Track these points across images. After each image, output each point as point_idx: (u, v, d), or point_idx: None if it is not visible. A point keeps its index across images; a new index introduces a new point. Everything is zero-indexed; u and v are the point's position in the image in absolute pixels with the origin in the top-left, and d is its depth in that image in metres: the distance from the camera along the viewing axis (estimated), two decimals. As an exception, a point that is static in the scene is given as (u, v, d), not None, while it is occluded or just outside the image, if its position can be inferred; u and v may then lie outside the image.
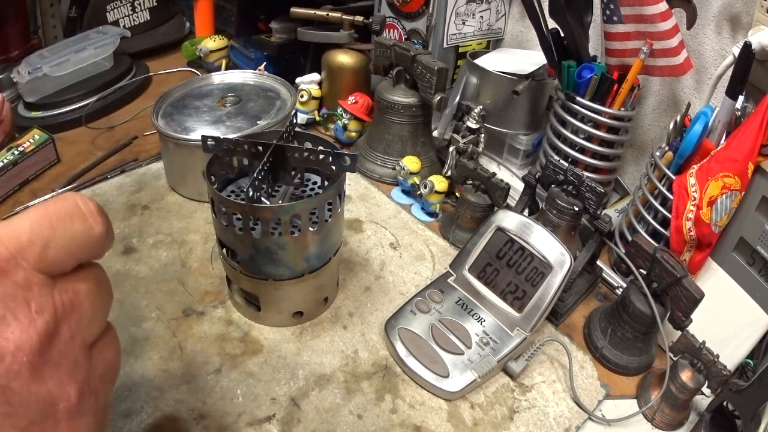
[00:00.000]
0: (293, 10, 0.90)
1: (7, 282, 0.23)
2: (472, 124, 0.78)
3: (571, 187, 0.61)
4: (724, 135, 0.60)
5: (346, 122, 0.88)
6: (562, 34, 0.71)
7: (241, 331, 0.57)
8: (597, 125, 0.71)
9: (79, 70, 0.93)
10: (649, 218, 0.65)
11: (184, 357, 0.54)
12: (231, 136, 0.58)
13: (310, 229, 0.50)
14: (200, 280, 0.63)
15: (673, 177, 0.61)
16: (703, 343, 0.50)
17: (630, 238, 0.67)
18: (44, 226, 0.24)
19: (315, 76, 0.93)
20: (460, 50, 0.93)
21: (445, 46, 0.89)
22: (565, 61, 0.71)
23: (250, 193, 0.47)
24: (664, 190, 0.62)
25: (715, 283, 0.60)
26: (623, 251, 0.60)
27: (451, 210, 0.76)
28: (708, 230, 0.58)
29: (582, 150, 0.74)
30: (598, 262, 0.67)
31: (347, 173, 0.53)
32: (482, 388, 0.54)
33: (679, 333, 0.52)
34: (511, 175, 0.85)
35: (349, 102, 0.88)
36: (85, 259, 0.27)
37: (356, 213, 0.76)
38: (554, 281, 0.54)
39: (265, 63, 0.97)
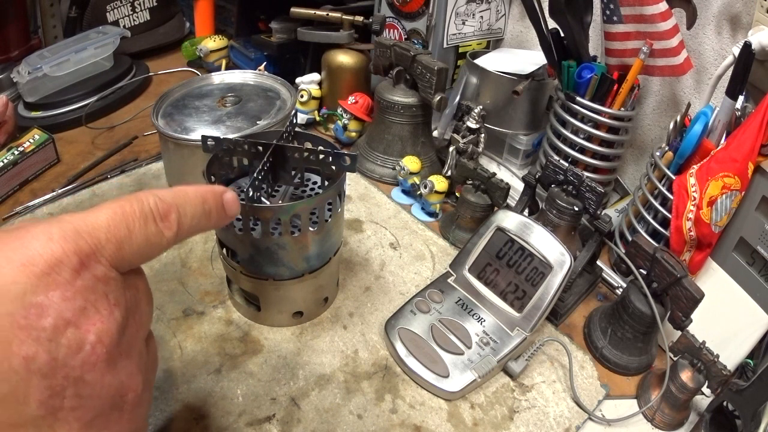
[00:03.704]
0: (293, 10, 0.90)
1: (87, 275, 0.23)
2: (472, 124, 0.78)
3: (571, 187, 0.61)
4: (724, 135, 0.60)
5: (346, 122, 0.88)
6: (562, 34, 0.71)
7: (241, 331, 0.57)
8: (597, 125, 0.71)
9: (79, 70, 0.93)
10: (649, 218, 0.65)
11: (184, 357, 0.54)
12: (231, 136, 0.58)
13: (310, 229, 0.50)
14: (200, 280, 0.63)
15: (673, 177, 0.61)
16: (703, 343, 0.50)
17: (630, 238, 0.67)
18: (121, 226, 0.25)
19: (315, 76, 0.93)
20: (460, 50, 0.93)
21: (445, 46, 0.89)
22: (565, 61, 0.71)
23: (250, 193, 0.47)
24: (664, 190, 0.62)
25: (715, 283, 0.60)
26: (623, 251, 0.60)
27: (451, 210, 0.76)
28: (708, 230, 0.58)
29: (582, 150, 0.74)
30: (598, 262, 0.67)
31: (347, 173, 0.53)
32: (482, 388, 0.54)
33: (679, 333, 0.52)
34: (511, 175, 0.85)
35: (349, 102, 0.88)
36: (151, 259, 0.28)
37: (356, 213, 0.76)
38: (554, 281, 0.54)
39: (265, 63, 0.97)
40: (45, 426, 0.22)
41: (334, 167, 0.52)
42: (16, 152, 0.75)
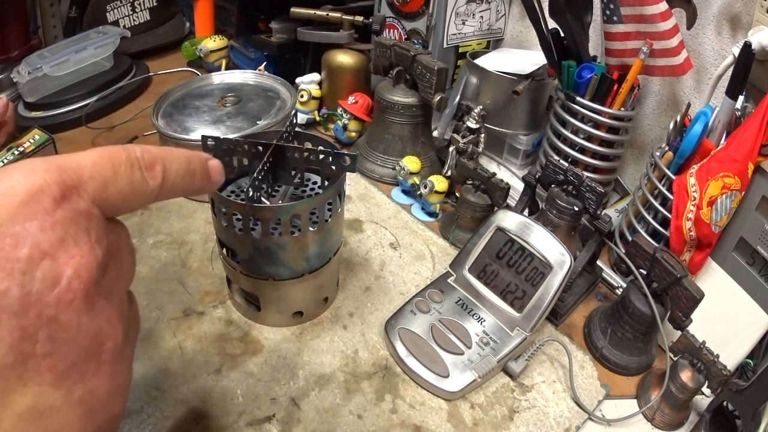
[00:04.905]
0: (293, 10, 0.90)
1: (68, 206, 0.22)
2: (472, 124, 0.78)
3: (571, 187, 0.61)
4: (724, 135, 0.60)
5: (346, 122, 0.88)
6: (562, 34, 0.71)
7: (241, 331, 0.57)
8: (597, 125, 0.71)
9: (79, 70, 0.93)
10: (649, 218, 0.65)
11: (184, 357, 0.54)
12: (231, 136, 0.58)
13: (310, 229, 0.50)
14: (200, 280, 0.63)
15: (673, 177, 0.61)
16: (703, 343, 0.50)
17: (630, 238, 0.67)
18: (107, 167, 0.24)
19: (315, 76, 0.93)
20: (460, 50, 0.93)
21: (445, 46, 0.89)
22: (565, 61, 0.71)
23: (250, 193, 0.47)
24: (664, 190, 0.62)
25: (715, 283, 0.60)
26: (623, 251, 0.60)
27: (451, 210, 0.76)
28: (708, 230, 0.58)
29: (582, 150, 0.74)
30: (598, 262, 0.67)
31: (347, 173, 0.53)
32: (482, 388, 0.54)
33: (679, 333, 0.52)
34: (511, 175, 0.85)
35: (349, 102, 0.88)
36: (134, 209, 0.27)
37: (356, 213, 0.76)
38: (554, 281, 0.54)
39: (265, 63, 0.97)
40: (13, 376, 0.20)
41: (334, 167, 0.52)
42: (16, 152, 0.75)
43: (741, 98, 0.58)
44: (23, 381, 0.21)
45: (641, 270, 0.56)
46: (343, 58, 0.89)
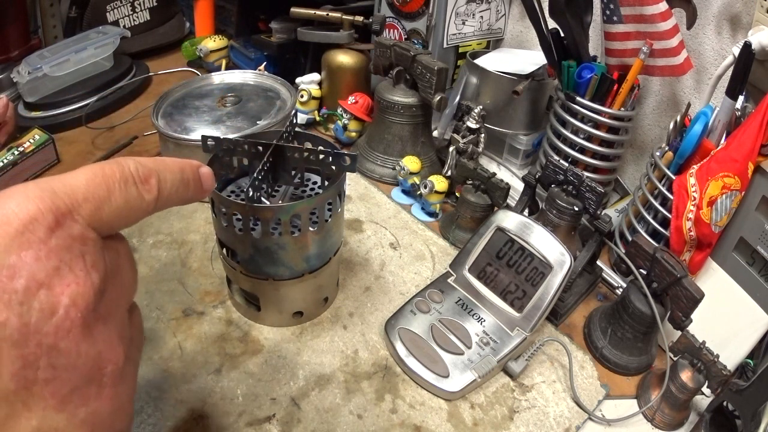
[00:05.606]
0: (293, 10, 0.90)
1: (62, 233, 0.22)
2: (472, 124, 0.78)
3: (571, 187, 0.61)
4: (724, 135, 0.60)
5: (346, 122, 0.88)
6: (562, 34, 0.71)
7: (241, 331, 0.57)
8: (597, 125, 0.71)
9: (79, 70, 0.93)
10: (649, 218, 0.65)
11: (184, 357, 0.54)
12: (231, 136, 0.58)
13: (310, 229, 0.50)
14: (200, 280, 0.63)
15: (673, 177, 0.61)
16: (703, 343, 0.50)
17: (630, 238, 0.67)
18: (100, 187, 0.24)
19: (315, 76, 0.93)
20: (460, 50, 0.93)
21: (445, 46, 0.89)
22: (565, 61, 0.71)
23: (250, 193, 0.47)
24: (664, 190, 0.62)
25: (715, 283, 0.60)
26: (623, 251, 0.60)
27: (451, 210, 0.76)
28: (708, 230, 0.58)
29: (582, 150, 0.74)
30: (598, 262, 0.67)
31: (347, 173, 0.53)
32: (482, 388, 0.54)
33: (679, 333, 0.52)
34: (511, 175, 0.85)
35: (349, 102, 0.88)
36: (132, 224, 0.27)
37: (356, 213, 0.76)
38: (554, 281, 0.54)
39: (265, 63, 0.97)
40: (18, 402, 0.21)
41: (334, 167, 0.52)
42: (16, 152, 0.75)
43: (741, 98, 0.58)
44: (27, 406, 0.21)
45: (641, 270, 0.56)
46: (343, 58, 0.89)
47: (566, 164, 0.61)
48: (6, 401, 0.20)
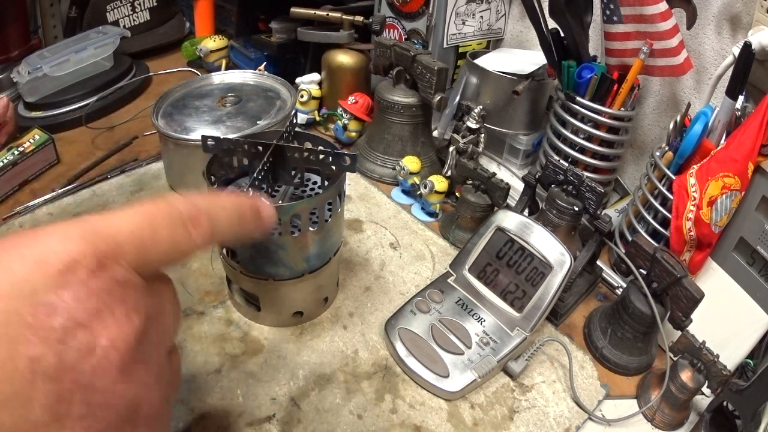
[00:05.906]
0: (293, 10, 0.90)
1: (105, 276, 0.22)
2: (472, 124, 0.78)
3: (571, 187, 0.61)
4: (724, 135, 0.60)
5: (346, 122, 0.88)
6: (562, 34, 0.71)
7: (241, 331, 0.57)
8: (597, 125, 0.71)
9: (79, 70, 0.93)
10: (649, 218, 0.65)
11: (184, 357, 0.54)
12: (231, 136, 0.58)
13: (310, 229, 0.50)
14: (200, 280, 0.63)
15: (673, 177, 0.61)
16: (703, 343, 0.50)
17: (630, 238, 0.67)
18: (146, 230, 0.24)
19: (315, 76, 0.93)
20: (460, 50, 0.93)
21: (445, 46, 0.89)
22: (565, 61, 0.71)
23: (250, 193, 0.47)
24: (664, 190, 0.62)
25: (715, 283, 0.60)
26: (623, 251, 0.60)
27: (451, 210, 0.76)
28: (708, 230, 0.58)
29: (582, 150, 0.74)
30: (598, 262, 0.67)
31: (347, 173, 0.53)
32: (482, 388, 0.54)
33: (679, 333, 0.52)
34: (511, 175, 0.85)
35: (349, 102, 0.88)
36: (178, 263, 0.26)
37: (356, 213, 0.76)
38: (554, 281, 0.54)
39: (265, 63, 0.97)
40: None
41: (334, 167, 0.52)
42: (16, 152, 0.75)
43: (741, 98, 0.58)
44: None
45: (641, 270, 0.56)
46: (343, 58, 0.89)
47: (566, 164, 0.61)
48: None
